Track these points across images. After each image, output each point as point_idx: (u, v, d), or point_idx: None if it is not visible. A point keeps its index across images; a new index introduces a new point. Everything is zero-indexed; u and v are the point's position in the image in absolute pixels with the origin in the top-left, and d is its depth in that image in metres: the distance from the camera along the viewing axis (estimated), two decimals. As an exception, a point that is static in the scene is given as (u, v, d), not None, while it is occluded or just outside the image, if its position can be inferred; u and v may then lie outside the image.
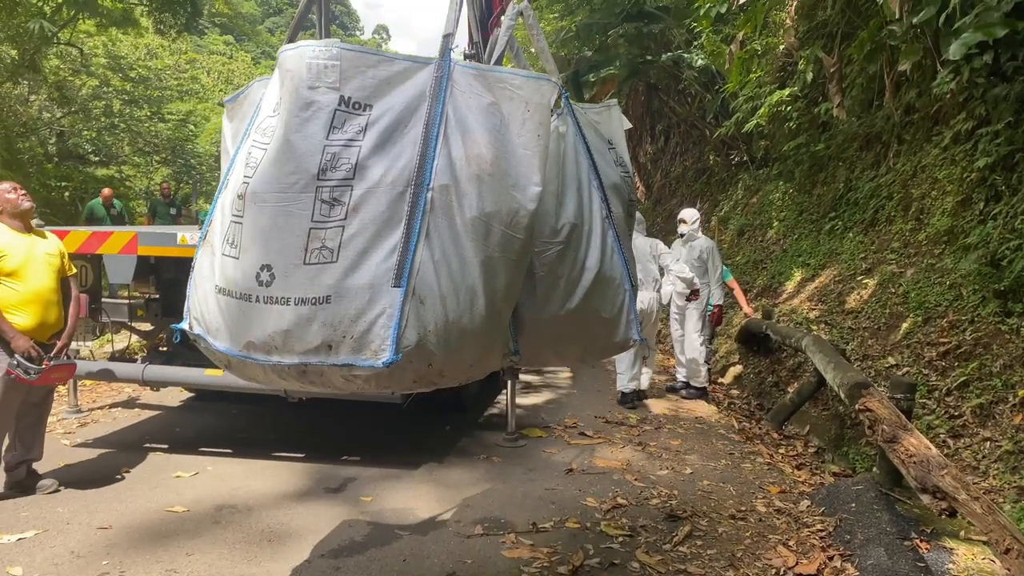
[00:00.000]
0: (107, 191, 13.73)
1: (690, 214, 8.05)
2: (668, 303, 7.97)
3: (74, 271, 5.02)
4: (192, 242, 5.33)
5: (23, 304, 4.52)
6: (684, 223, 7.99)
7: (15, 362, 4.41)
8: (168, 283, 6.29)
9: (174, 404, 7.19)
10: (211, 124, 29.95)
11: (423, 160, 2.43)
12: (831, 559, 4.11)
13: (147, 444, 5.88)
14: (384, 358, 2.30)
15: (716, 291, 7.82)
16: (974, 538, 4.00)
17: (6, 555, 3.91)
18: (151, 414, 6.86)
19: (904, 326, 6.72)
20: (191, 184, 27.51)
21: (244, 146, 2.63)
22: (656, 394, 8.06)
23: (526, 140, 2.59)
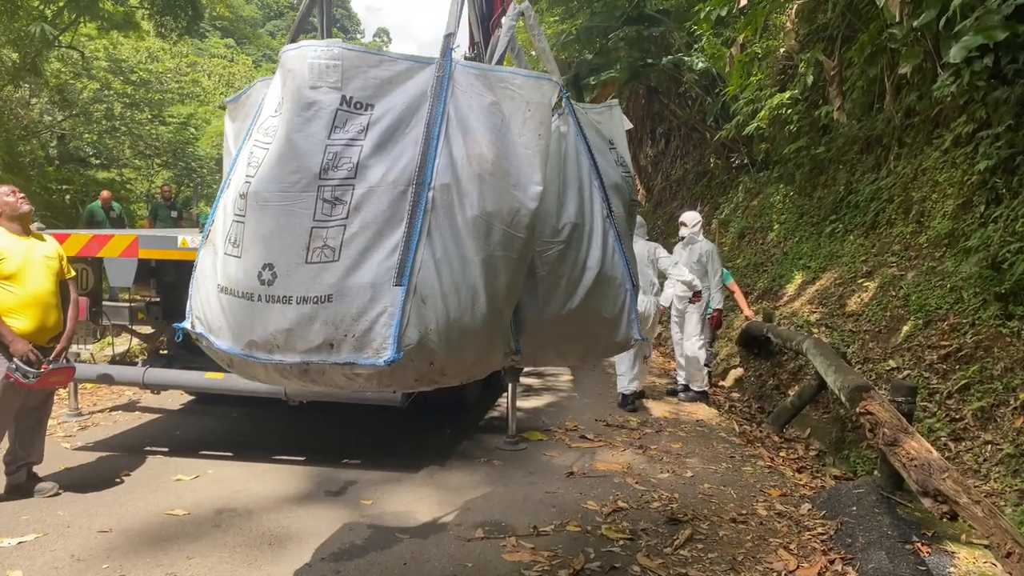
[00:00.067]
0: (106, 194, 13.71)
1: (691, 217, 8.05)
2: (670, 306, 7.97)
3: (72, 274, 5.00)
4: (193, 245, 5.33)
5: (22, 308, 4.51)
6: (685, 226, 7.98)
7: (14, 366, 4.40)
8: (169, 286, 6.30)
9: (175, 407, 7.19)
10: (212, 127, 30.01)
11: (424, 159, 2.43)
12: (832, 563, 4.11)
13: (147, 447, 5.88)
14: (386, 356, 2.30)
15: (716, 295, 7.80)
16: (975, 542, 3.99)
17: (6, 559, 3.91)
18: (152, 417, 6.86)
19: (905, 329, 6.72)
20: (192, 187, 27.54)
21: (246, 146, 2.64)
22: (656, 397, 8.05)
23: (527, 139, 2.59)
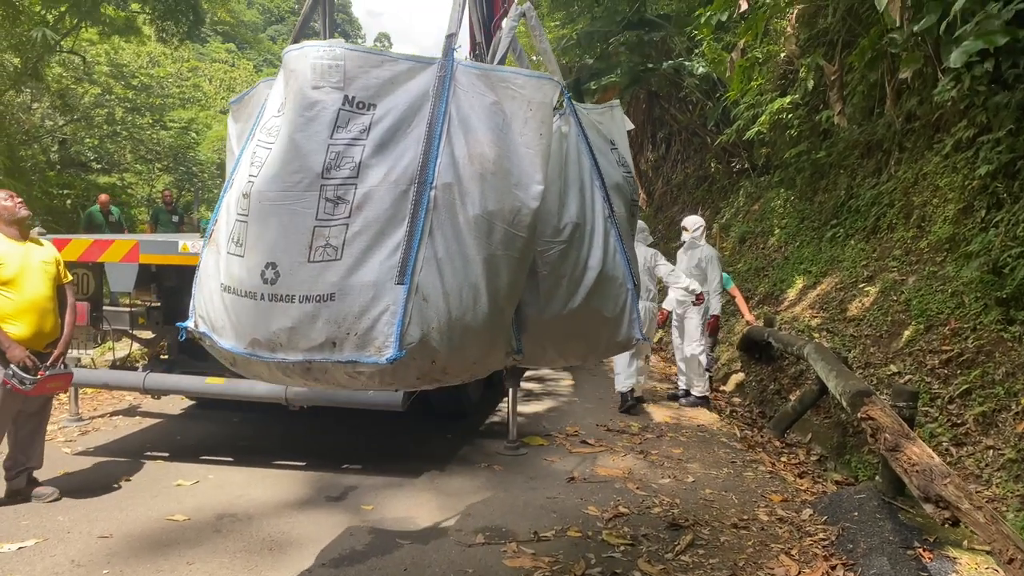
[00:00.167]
0: (104, 197, 13.68)
1: (691, 221, 8.03)
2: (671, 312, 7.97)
3: (70, 278, 4.96)
4: (193, 250, 5.34)
5: (19, 313, 4.48)
6: (686, 230, 7.98)
7: (11, 372, 4.38)
8: (169, 291, 6.29)
9: (175, 412, 7.18)
10: (213, 132, 30.06)
11: (426, 159, 2.44)
12: (834, 568, 4.09)
13: (148, 452, 5.87)
14: (388, 355, 2.32)
15: (714, 301, 7.75)
16: (977, 548, 3.98)
17: (6, 564, 3.90)
18: (152, 422, 6.85)
19: (906, 334, 6.71)
20: (193, 192, 27.57)
21: (249, 146, 2.66)
22: (657, 402, 8.05)
23: (528, 139, 2.61)
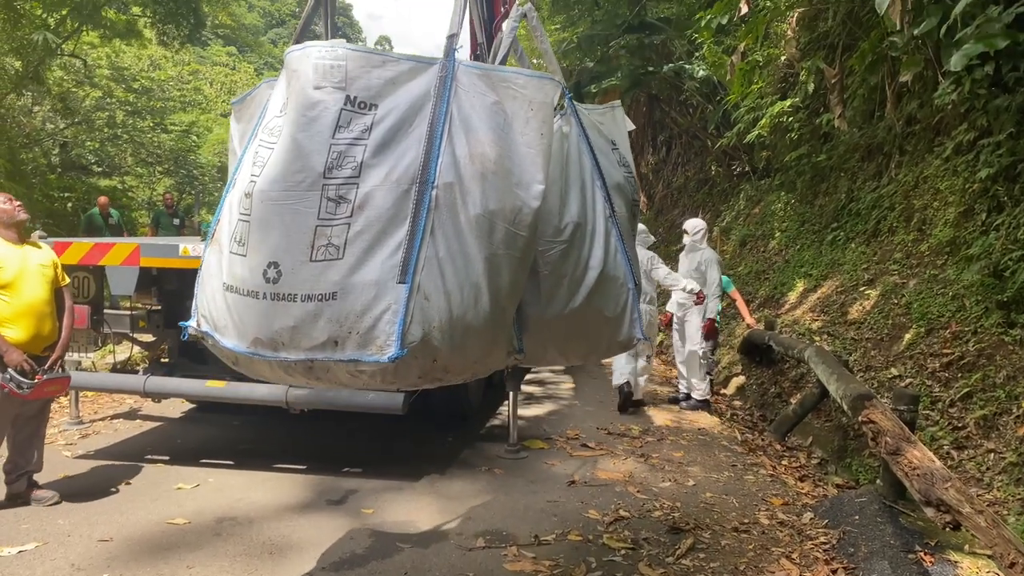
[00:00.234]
0: (103, 199, 13.66)
1: (691, 225, 8.02)
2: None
3: (67, 281, 4.94)
4: (194, 254, 5.34)
5: (16, 317, 4.47)
6: (686, 233, 7.98)
7: (8, 376, 4.36)
8: (170, 294, 6.29)
9: (175, 415, 7.18)
10: (214, 135, 30.09)
11: (428, 158, 2.46)
12: (835, 572, 4.09)
13: (148, 456, 5.86)
14: (389, 353, 2.32)
15: (711, 304, 7.70)
16: (978, 552, 3.97)
17: (6, 568, 3.90)
18: (152, 425, 6.85)
19: (907, 337, 6.71)
20: (194, 195, 27.59)
21: (252, 146, 2.67)
22: (658, 405, 8.04)
23: (529, 138, 2.62)
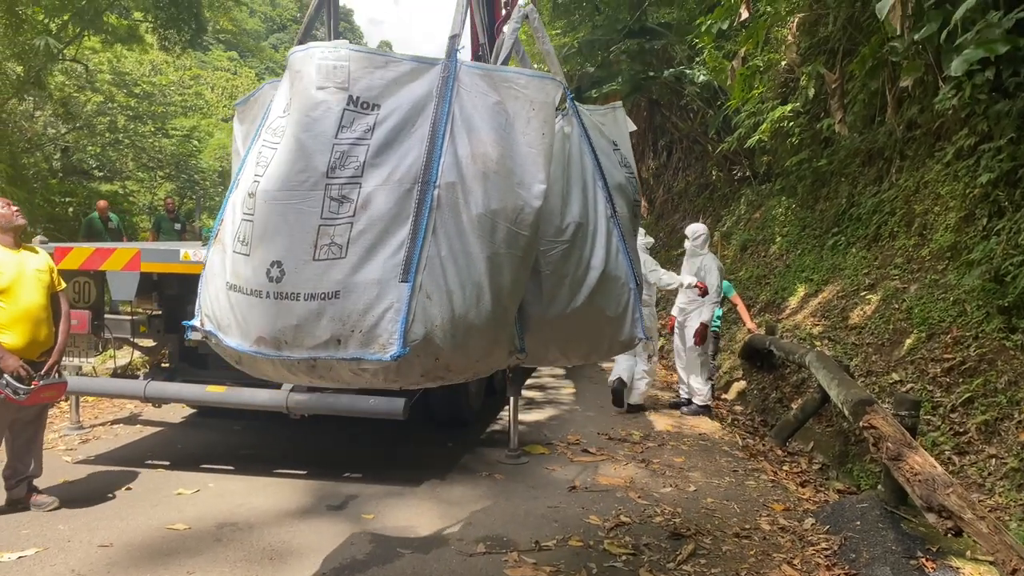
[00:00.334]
0: (102, 203, 13.61)
1: (692, 230, 8.01)
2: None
3: (63, 286, 4.92)
4: (195, 259, 5.34)
5: (13, 322, 4.46)
6: (687, 238, 7.98)
7: (4, 382, 4.35)
8: (171, 299, 6.29)
9: (176, 420, 7.17)
10: (215, 140, 30.13)
11: (430, 158, 2.48)
12: (836, 578, 4.08)
13: (149, 461, 5.86)
14: (392, 352, 2.34)
15: (706, 309, 7.66)
16: (980, 558, 3.96)
17: (7, 573, 3.89)
18: (153, 430, 6.84)
19: (908, 342, 6.70)
20: (195, 199, 27.62)
21: (255, 146, 2.70)
22: (659, 410, 8.03)
23: (531, 138, 2.64)
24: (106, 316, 6.23)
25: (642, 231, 7.47)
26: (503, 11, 5.26)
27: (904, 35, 7.08)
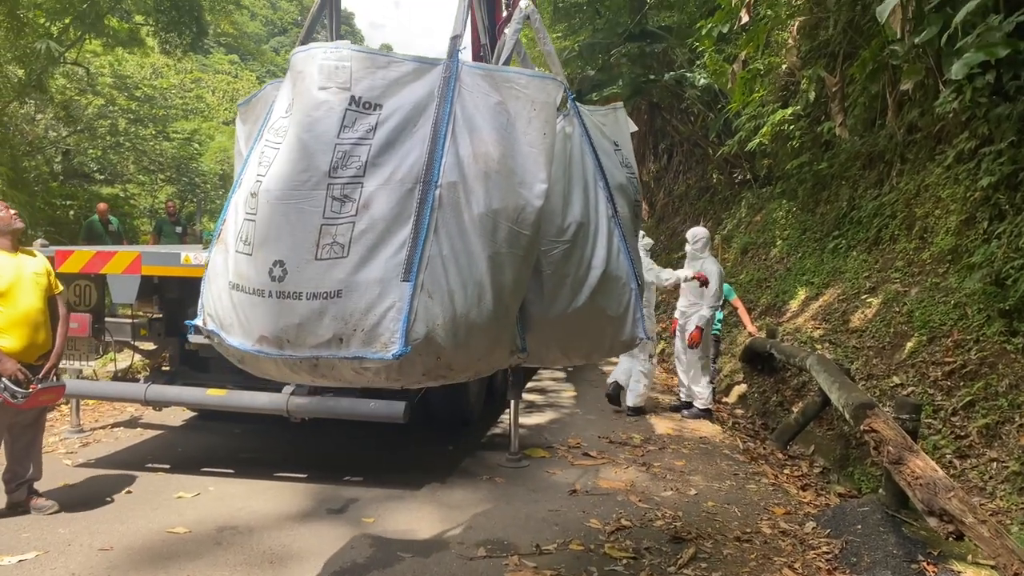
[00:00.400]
0: (102, 206, 13.59)
1: (691, 234, 8.00)
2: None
3: (60, 289, 4.91)
4: (195, 262, 5.34)
5: (10, 326, 4.45)
6: (687, 242, 7.98)
7: (2, 386, 4.34)
8: (172, 303, 6.29)
9: (176, 424, 7.17)
10: (216, 143, 30.15)
11: (432, 158, 2.49)
12: (837, 582, 4.07)
13: (149, 464, 5.85)
14: (394, 350, 2.35)
15: (703, 313, 7.62)
16: (982, 562, 3.95)
17: (6, 577, 3.90)
18: (153, 434, 6.84)
19: (909, 345, 6.70)
20: (195, 202, 27.64)
21: (258, 146, 2.71)
22: (660, 414, 8.02)
23: (532, 138, 2.65)
24: (106, 319, 6.23)
25: (641, 233, 7.47)
26: (503, 12, 5.28)
27: (904, 39, 7.09)
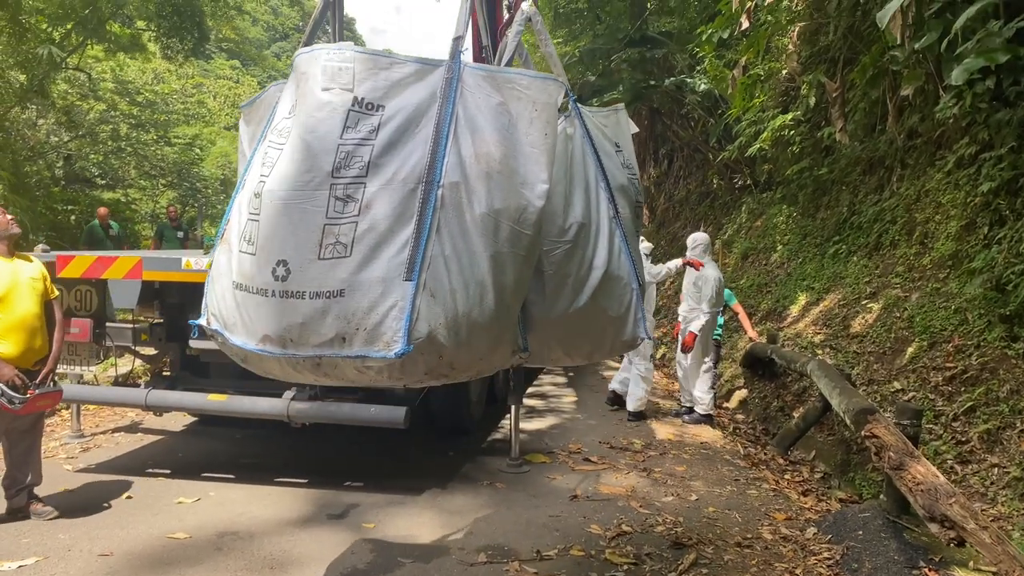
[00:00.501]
0: (102, 210, 13.61)
1: (691, 239, 8.00)
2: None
3: (56, 294, 4.91)
4: (196, 267, 5.35)
5: (7, 332, 4.45)
6: (687, 247, 7.98)
7: (0, 391, 4.35)
8: (172, 308, 6.29)
9: (177, 429, 7.17)
10: (217, 148, 30.21)
11: (434, 158, 2.51)
12: (839, 588, 4.07)
13: (149, 469, 5.85)
14: (396, 349, 2.37)
15: (701, 317, 7.59)
16: (983, 568, 3.95)
17: (6, 583, 3.89)
18: (154, 439, 6.84)
19: (910, 351, 6.69)
20: (197, 207, 27.68)
21: (261, 147, 2.74)
22: (660, 419, 8.02)
23: (534, 139, 2.67)
24: (107, 324, 6.23)
25: (641, 237, 7.46)
26: (504, 15, 5.30)
27: (905, 44, 7.09)
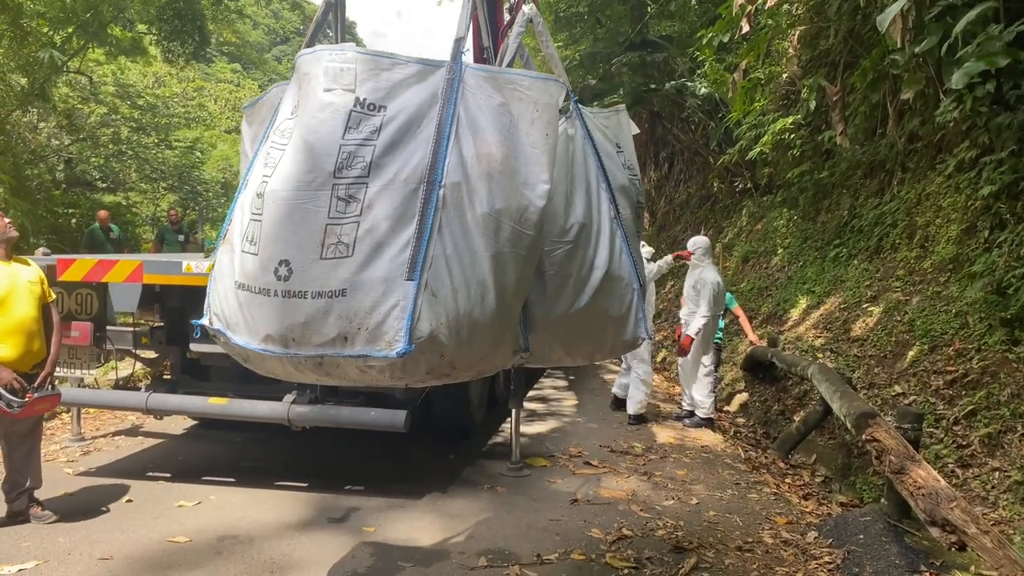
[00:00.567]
0: (103, 213, 13.62)
1: (691, 243, 8.01)
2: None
3: (53, 298, 4.90)
4: (197, 271, 5.35)
5: (5, 335, 4.45)
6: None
7: None
8: (173, 311, 6.29)
9: (177, 432, 7.17)
10: (218, 151, 30.24)
11: (435, 158, 2.52)
12: (840, 592, 4.06)
13: (150, 473, 5.85)
14: (398, 349, 2.38)
15: (698, 320, 7.57)
16: (984, 572, 3.94)
17: (6, 586, 3.89)
18: (154, 442, 6.83)
19: (910, 354, 6.69)
20: (197, 210, 27.69)
21: (263, 148, 2.75)
22: (661, 423, 8.01)
23: (535, 139, 2.68)
24: (108, 328, 6.23)
25: (641, 242, 7.46)
26: (505, 17, 5.30)
27: (905, 48, 7.10)
